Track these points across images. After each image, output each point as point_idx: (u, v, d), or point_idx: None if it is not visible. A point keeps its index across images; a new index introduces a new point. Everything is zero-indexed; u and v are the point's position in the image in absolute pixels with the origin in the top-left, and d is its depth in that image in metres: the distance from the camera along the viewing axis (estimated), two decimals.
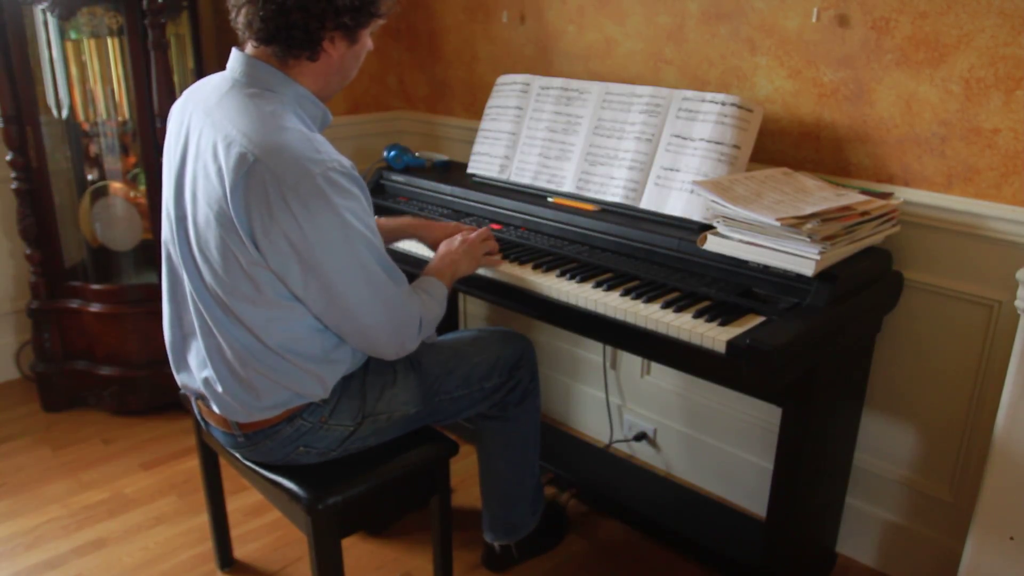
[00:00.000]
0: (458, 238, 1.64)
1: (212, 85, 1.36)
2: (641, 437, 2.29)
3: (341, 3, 1.25)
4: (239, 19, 1.29)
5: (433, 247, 1.72)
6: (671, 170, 1.71)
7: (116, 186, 2.51)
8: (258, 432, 1.40)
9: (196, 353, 1.40)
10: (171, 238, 1.40)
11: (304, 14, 1.24)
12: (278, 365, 1.33)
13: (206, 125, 1.28)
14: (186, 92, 1.41)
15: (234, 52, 1.34)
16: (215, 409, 1.41)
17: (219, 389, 1.36)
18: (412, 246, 1.83)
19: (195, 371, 1.42)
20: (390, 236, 1.76)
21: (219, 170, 1.23)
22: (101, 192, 2.52)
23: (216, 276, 1.29)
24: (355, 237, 1.26)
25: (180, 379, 1.49)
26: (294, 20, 1.24)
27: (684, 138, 1.70)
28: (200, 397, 1.46)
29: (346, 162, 1.27)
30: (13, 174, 2.35)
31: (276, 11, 1.23)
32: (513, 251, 1.74)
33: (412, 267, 1.73)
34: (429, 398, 1.52)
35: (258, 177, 1.19)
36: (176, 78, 2.37)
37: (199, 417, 1.56)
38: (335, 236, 1.24)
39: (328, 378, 1.38)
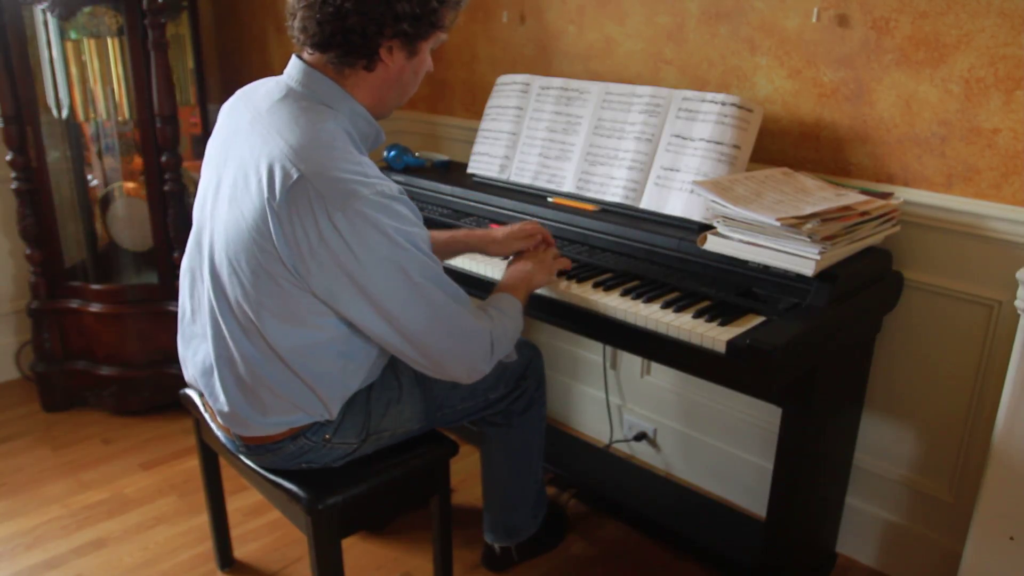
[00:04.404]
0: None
1: (266, 89, 1.31)
2: (641, 437, 2.29)
3: (401, 9, 1.21)
4: (295, 23, 1.25)
5: (495, 255, 1.66)
6: (671, 170, 1.70)
7: (130, 186, 2.52)
8: (260, 446, 1.39)
9: (205, 358, 1.38)
10: (196, 240, 1.37)
11: (362, 18, 1.19)
12: (291, 383, 1.30)
13: (253, 132, 1.25)
14: (239, 92, 1.38)
15: (292, 59, 1.30)
16: (219, 419, 1.40)
17: (224, 400, 1.34)
18: (467, 263, 1.74)
19: (201, 375, 1.41)
20: (442, 251, 1.65)
21: (259, 182, 1.19)
22: (117, 193, 2.53)
23: (243, 289, 1.25)
24: (407, 258, 1.20)
25: (188, 375, 1.48)
26: (351, 24, 1.20)
27: (684, 138, 1.70)
28: (203, 395, 1.46)
29: (395, 187, 1.23)
30: (13, 174, 2.35)
31: (333, 15, 1.19)
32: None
33: (470, 287, 1.62)
34: (432, 412, 1.51)
35: (303, 196, 1.15)
36: (176, 78, 2.37)
37: (202, 413, 1.56)
38: (386, 258, 1.18)
39: (337, 401, 1.35)
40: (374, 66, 1.27)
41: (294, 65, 1.30)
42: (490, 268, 1.69)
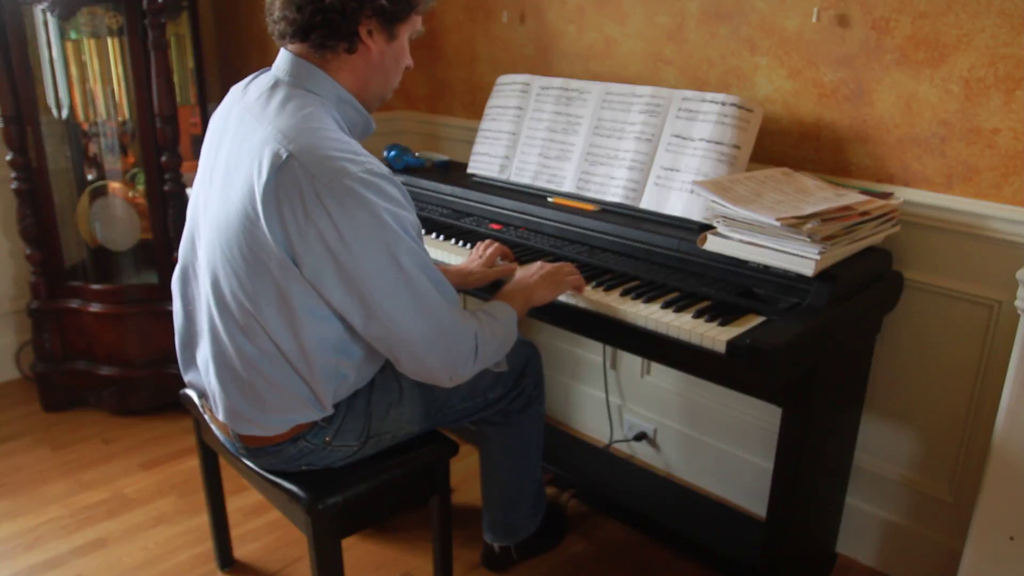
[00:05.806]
0: (535, 264, 1.55)
1: (256, 83, 1.34)
2: (641, 437, 2.29)
3: None
4: (275, 16, 1.28)
5: (474, 286, 1.63)
6: (671, 170, 1.71)
7: (115, 186, 2.52)
8: (260, 448, 1.39)
9: (203, 357, 1.38)
10: (191, 237, 1.38)
11: None
12: (287, 377, 1.30)
13: (242, 124, 1.27)
14: (232, 89, 1.40)
15: (280, 52, 1.33)
16: (219, 416, 1.40)
17: (222, 398, 1.34)
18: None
19: (202, 372, 1.41)
20: None
21: (248, 168, 1.20)
22: (100, 192, 2.52)
23: (238, 280, 1.25)
24: (394, 240, 1.20)
25: (188, 377, 1.48)
26: (330, 2, 1.22)
27: (684, 138, 1.70)
28: (204, 396, 1.45)
29: (385, 168, 1.23)
30: (13, 174, 2.35)
31: None
32: (513, 252, 1.74)
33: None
34: (432, 413, 1.50)
35: (291, 175, 1.15)
36: (176, 78, 2.37)
37: (202, 413, 1.56)
38: (372, 237, 1.18)
39: (331, 396, 1.34)
40: (355, 48, 1.28)
41: (280, 57, 1.32)
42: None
